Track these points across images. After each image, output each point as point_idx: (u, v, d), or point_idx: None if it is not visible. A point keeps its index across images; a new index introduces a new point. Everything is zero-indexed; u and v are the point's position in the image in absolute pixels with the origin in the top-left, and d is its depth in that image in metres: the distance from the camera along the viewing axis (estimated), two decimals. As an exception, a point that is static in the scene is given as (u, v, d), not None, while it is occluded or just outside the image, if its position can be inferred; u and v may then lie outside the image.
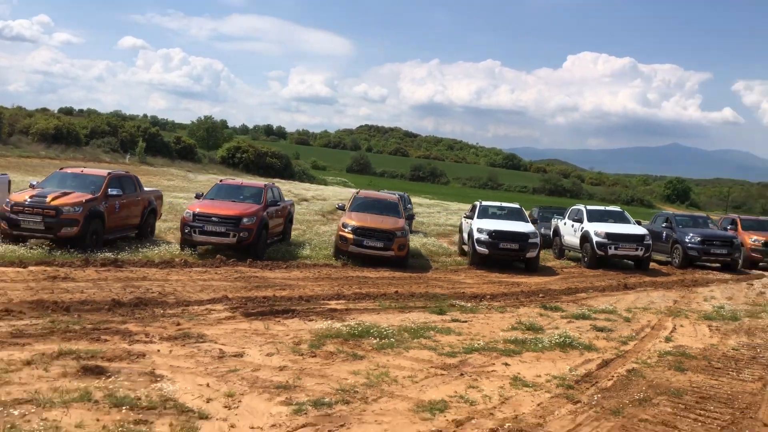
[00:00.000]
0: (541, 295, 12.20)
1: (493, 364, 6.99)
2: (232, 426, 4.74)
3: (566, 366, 7.05)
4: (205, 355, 6.47)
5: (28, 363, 5.73)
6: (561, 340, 8.06)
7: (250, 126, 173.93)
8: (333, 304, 9.63)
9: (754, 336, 9.67)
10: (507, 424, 5.10)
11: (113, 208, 12.86)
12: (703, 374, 7.19)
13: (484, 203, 17.43)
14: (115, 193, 12.89)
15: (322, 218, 25.06)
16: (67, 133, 45.02)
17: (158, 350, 6.50)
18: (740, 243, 18.63)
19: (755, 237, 19.38)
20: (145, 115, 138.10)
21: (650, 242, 16.83)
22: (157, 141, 53.90)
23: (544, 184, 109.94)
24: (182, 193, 29.69)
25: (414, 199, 38.74)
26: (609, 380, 6.66)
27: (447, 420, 5.15)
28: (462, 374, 6.48)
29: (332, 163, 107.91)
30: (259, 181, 17.26)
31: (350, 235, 13.71)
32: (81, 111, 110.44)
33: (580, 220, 17.69)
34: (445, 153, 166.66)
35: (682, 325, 10.11)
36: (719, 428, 5.46)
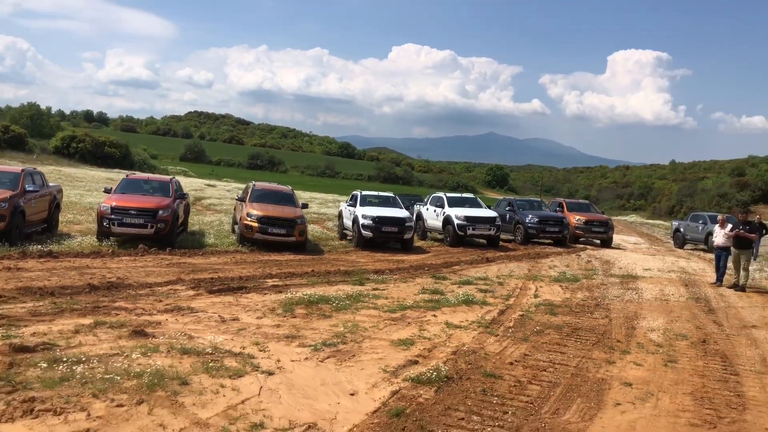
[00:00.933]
0: (426, 269, 14.62)
1: (425, 315, 9.20)
2: (278, 360, 6.49)
3: (476, 315, 9.45)
4: (209, 320, 8.04)
5: (76, 332, 7.00)
6: (464, 298, 10.47)
7: (66, 111, 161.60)
8: (270, 282, 11.31)
9: (593, 291, 12.77)
10: (462, 348, 7.34)
11: (30, 203, 13.42)
12: (570, 316, 9.92)
13: (364, 193, 19.63)
14: (31, 188, 13.45)
15: (193, 209, 25.82)
16: None
17: (167, 319, 7.95)
18: (567, 222, 22.50)
19: (578, 217, 23.42)
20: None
21: (500, 223, 20.03)
22: (-19, 130, 50.22)
23: (378, 172, 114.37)
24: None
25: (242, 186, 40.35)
26: (510, 322, 9.13)
27: (420, 349, 7.27)
28: (409, 323, 8.63)
29: (163, 152, 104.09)
30: (164, 176, 18.11)
31: (255, 224, 15.26)
32: None
33: (442, 206, 20.50)
34: (280, 141, 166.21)
35: (541, 286, 12.99)
36: (591, 344, 8.09)
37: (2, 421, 4.60)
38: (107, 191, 15.47)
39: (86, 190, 29.24)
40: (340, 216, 20.43)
